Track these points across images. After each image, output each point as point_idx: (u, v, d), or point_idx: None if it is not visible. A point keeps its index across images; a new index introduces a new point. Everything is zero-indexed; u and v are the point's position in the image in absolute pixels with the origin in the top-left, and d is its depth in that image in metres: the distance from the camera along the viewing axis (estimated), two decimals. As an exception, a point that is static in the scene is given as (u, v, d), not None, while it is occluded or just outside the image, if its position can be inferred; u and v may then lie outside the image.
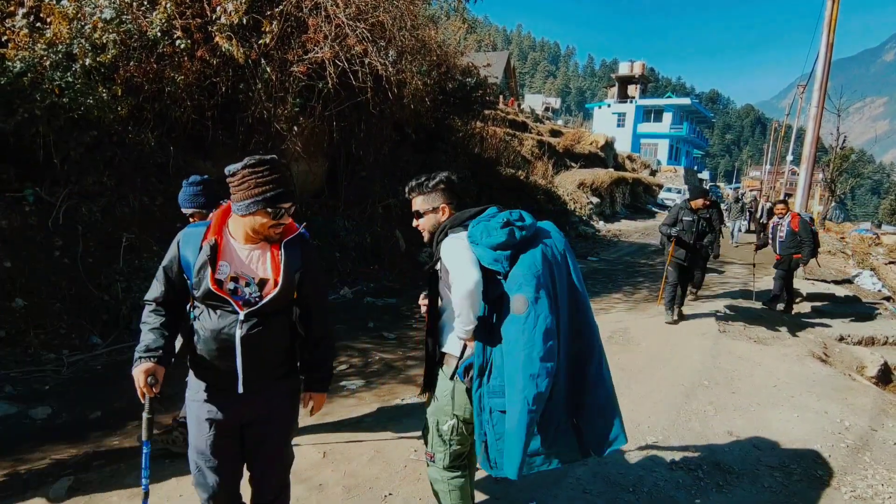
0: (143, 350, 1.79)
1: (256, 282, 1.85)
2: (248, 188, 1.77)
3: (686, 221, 6.41)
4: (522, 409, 1.79)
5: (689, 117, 49.57)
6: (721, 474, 3.19)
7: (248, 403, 1.91)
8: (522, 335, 1.81)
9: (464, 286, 1.89)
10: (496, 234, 1.91)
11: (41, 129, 4.74)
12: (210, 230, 1.86)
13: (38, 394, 4.01)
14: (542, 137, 23.17)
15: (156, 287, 1.89)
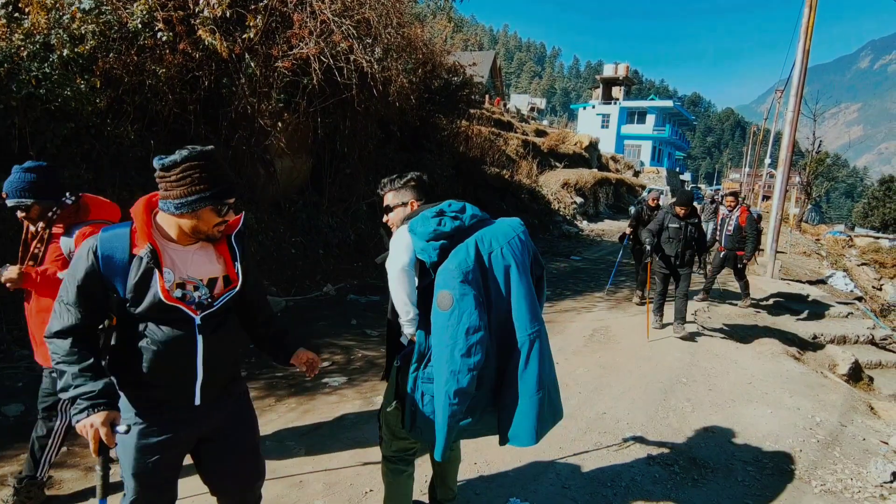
0: (93, 395, 1.50)
1: (205, 283, 1.69)
2: (191, 184, 1.57)
3: (672, 229, 6.04)
4: (444, 403, 1.86)
5: (671, 119, 50.28)
6: (696, 469, 3.26)
7: (206, 415, 1.75)
8: (446, 332, 1.83)
9: (390, 271, 2.00)
10: (427, 224, 1.95)
11: (17, 121, 4.63)
12: (138, 235, 1.60)
13: (11, 391, 3.93)
14: (528, 137, 23.30)
15: (67, 315, 1.56)
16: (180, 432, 1.72)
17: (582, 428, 3.77)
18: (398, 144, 9.93)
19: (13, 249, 2.73)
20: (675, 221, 6.04)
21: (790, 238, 17.41)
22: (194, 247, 1.70)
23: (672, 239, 6.06)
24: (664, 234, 6.07)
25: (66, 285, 1.58)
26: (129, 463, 1.66)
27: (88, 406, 1.50)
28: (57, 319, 1.56)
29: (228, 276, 1.74)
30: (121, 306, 1.60)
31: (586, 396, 4.33)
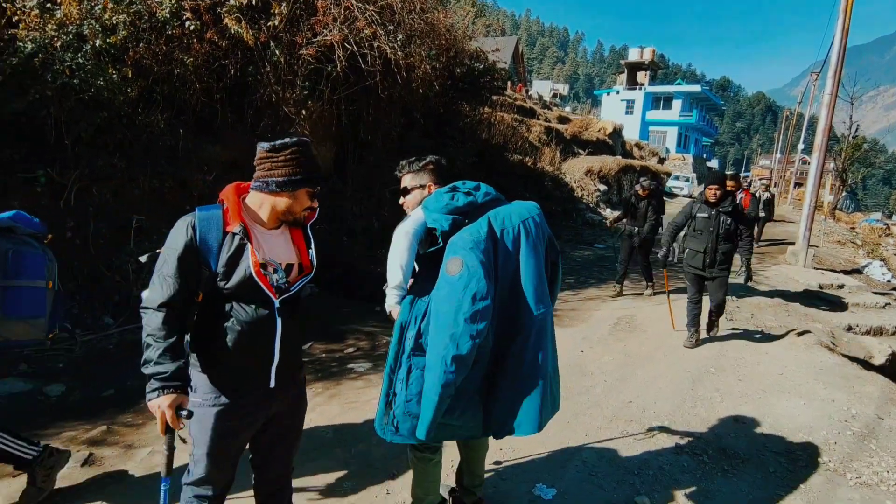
0: (165, 377, 1.59)
1: (283, 267, 1.78)
2: (297, 164, 1.71)
3: (700, 220, 5.00)
4: (440, 370, 1.77)
5: (698, 105, 48.97)
6: (726, 459, 3.21)
7: (277, 398, 1.84)
8: (451, 295, 1.78)
9: (394, 236, 1.99)
10: (440, 199, 1.98)
11: (52, 111, 4.75)
12: (230, 214, 1.71)
13: (52, 372, 4.08)
14: (550, 124, 22.97)
15: (165, 285, 1.63)
16: (256, 414, 1.81)
17: (608, 416, 3.74)
18: (421, 131, 9.89)
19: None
20: (704, 210, 4.99)
21: (824, 226, 16.88)
22: (277, 231, 1.81)
23: (700, 232, 5.00)
24: (690, 225, 5.11)
25: (164, 258, 1.67)
26: (205, 441, 1.74)
27: (160, 387, 1.59)
28: (156, 291, 1.64)
29: (302, 264, 1.84)
30: (210, 282, 1.68)
31: (612, 385, 4.30)
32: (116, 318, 4.96)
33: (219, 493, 1.86)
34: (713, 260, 4.98)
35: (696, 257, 5.05)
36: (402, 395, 1.92)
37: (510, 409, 1.95)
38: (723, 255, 4.99)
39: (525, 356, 1.91)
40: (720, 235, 4.92)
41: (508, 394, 1.94)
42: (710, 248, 4.95)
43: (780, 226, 18.23)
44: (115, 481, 2.78)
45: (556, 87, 46.14)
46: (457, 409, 1.90)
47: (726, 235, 4.94)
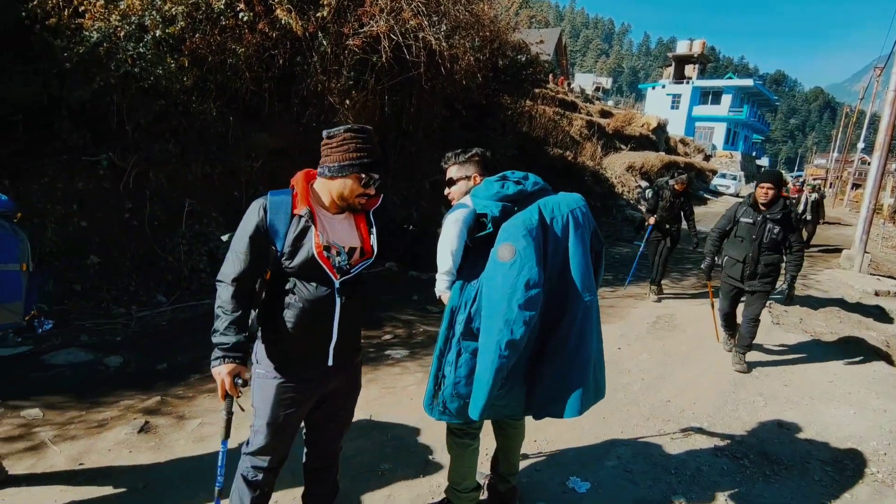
0: (227, 348, 1.72)
1: (346, 250, 1.85)
2: (346, 150, 1.78)
3: (743, 225, 4.42)
4: (494, 354, 1.80)
5: (750, 100, 46.94)
6: (769, 465, 3.13)
7: (334, 376, 1.93)
8: (505, 281, 1.81)
9: (444, 223, 1.97)
10: (490, 186, 2.01)
11: (115, 98, 5.02)
12: (298, 199, 1.81)
13: (111, 344, 4.34)
14: (592, 118, 22.56)
15: (237, 261, 1.76)
16: (313, 389, 1.91)
17: (644, 414, 3.70)
18: (462, 123, 9.90)
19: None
20: (749, 214, 4.41)
21: (882, 230, 15.98)
22: (341, 216, 1.89)
23: (741, 239, 4.43)
24: (732, 230, 4.55)
25: (238, 236, 1.79)
26: (266, 411, 1.85)
27: (222, 356, 1.73)
28: (229, 266, 1.77)
29: (364, 248, 1.89)
30: (277, 261, 1.78)
31: (649, 383, 4.24)
32: (169, 297, 5.22)
33: (274, 466, 1.95)
34: (753, 271, 4.37)
35: (735, 267, 4.46)
36: (451, 376, 1.96)
37: (552, 392, 1.99)
38: (765, 268, 4.35)
39: (570, 341, 1.94)
40: (764, 244, 4.29)
41: (552, 376, 1.97)
42: (750, 257, 4.34)
43: (835, 228, 17.37)
44: (169, 449, 2.95)
45: (599, 81, 45.21)
46: (503, 388, 1.94)
47: (772, 245, 4.28)
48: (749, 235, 4.36)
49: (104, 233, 5.17)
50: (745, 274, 4.41)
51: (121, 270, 5.15)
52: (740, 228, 4.44)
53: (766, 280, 4.40)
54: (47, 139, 5.00)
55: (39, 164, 4.97)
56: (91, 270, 4.97)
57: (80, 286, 4.86)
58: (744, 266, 4.39)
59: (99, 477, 2.64)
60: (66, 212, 4.99)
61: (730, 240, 4.59)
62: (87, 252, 5.01)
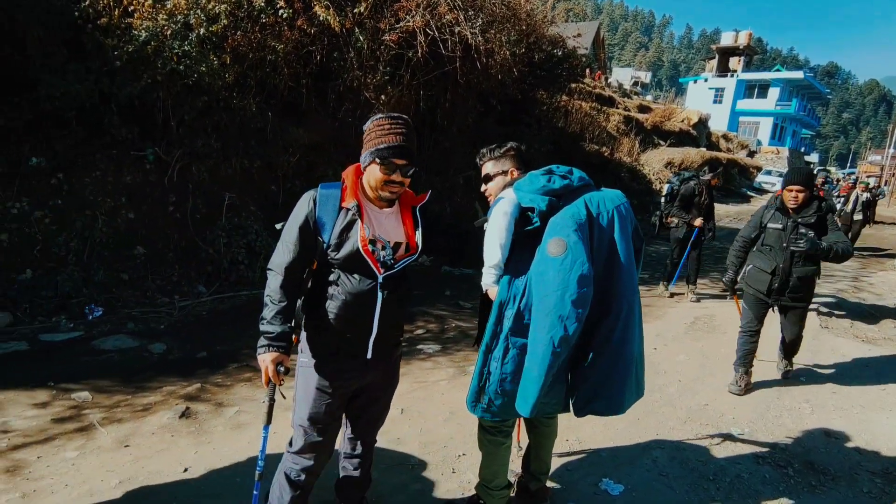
0: (272, 336, 1.77)
1: (392, 245, 1.86)
2: (374, 138, 1.79)
3: (772, 232, 3.86)
4: (546, 350, 1.77)
5: (799, 93, 44.85)
6: (814, 474, 3.00)
7: (372, 369, 1.94)
8: (558, 276, 1.78)
9: (491, 217, 1.95)
10: (535, 180, 1.98)
11: (161, 94, 5.19)
12: (347, 192, 1.84)
13: (155, 332, 4.51)
14: (630, 113, 22.04)
15: (286, 251, 1.80)
16: (351, 380, 1.94)
17: (681, 417, 3.60)
18: (497, 118, 9.82)
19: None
20: (778, 219, 3.85)
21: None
22: (388, 210, 1.91)
23: (769, 248, 3.88)
24: (759, 237, 4.00)
25: (289, 227, 1.83)
26: (308, 403, 1.90)
27: (266, 345, 1.78)
28: (279, 255, 1.82)
29: (409, 244, 1.90)
30: (324, 252, 1.81)
31: (686, 385, 4.12)
32: (209, 288, 5.38)
33: (317, 467, 1.99)
34: (783, 285, 3.80)
35: (761, 278, 3.87)
36: (497, 373, 1.95)
37: (596, 389, 1.96)
38: (798, 281, 3.78)
39: (613, 337, 1.91)
40: (796, 254, 3.75)
41: (596, 373, 1.94)
42: (780, 268, 3.78)
43: (889, 229, 16.44)
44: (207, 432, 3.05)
45: (638, 75, 44.09)
46: (547, 384, 1.92)
47: (805, 254, 3.72)
48: (778, 243, 3.80)
49: (150, 225, 5.38)
50: (772, 287, 3.83)
51: (165, 261, 5.35)
52: (768, 235, 3.88)
53: (797, 295, 3.85)
54: (99, 134, 5.23)
55: (92, 159, 5.20)
56: (138, 261, 5.18)
57: (128, 275, 5.07)
58: (772, 278, 3.81)
59: (142, 459, 2.75)
60: (116, 204, 5.20)
61: (757, 247, 4.00)
62: (134, 243, 5.22)
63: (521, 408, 1.90)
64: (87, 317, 4.54)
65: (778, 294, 3.86)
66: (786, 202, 3.79)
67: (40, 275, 4.62)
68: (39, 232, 4.74)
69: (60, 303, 4.55)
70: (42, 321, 4.38)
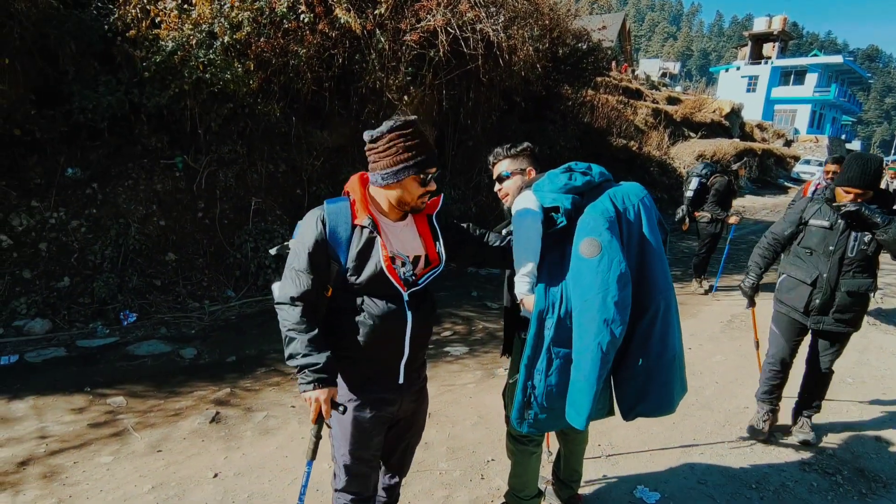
0: (318, 368, 1.58)
1: (411, 260, 1.72)
2: (396, 153, 1.60)
3: (817, 231, 2.96)
4: (595, 357, 1.70)
5: (839, 78, 42.96)
6: (865, 482, 2.83)
7: (407, 392, 1.82)
8: (596, 278, 1.70)
9: (517, 220, 1.84)
10: (556, 179, 1.90)
11: (188, 103, 5.29)
12: (358, 207, 1.66)
13: (186, 337, 4.60)
14: (658, 105, 21.50)
15: (298, 281, 1.60)
16: (387, 409, 1.78)
17: (720, 421, 3.45)
18: (521, 115, 9.70)
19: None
20: (824, 213, 2.95)
21: None
22: (403, 223, 1.75)
23: (809, 252, 2.99)
24: (798, 238, 3.09)
25: (296, 252, 1.64)
26: (346, 439, 1.75)
27: (315, 380, 1.58)
28: (291, 285, 1.61)
29: (428, 256, 1.76)
30: (340, 277, 1.64)
31: (724, 387, 3.96)
32: (237, 292, 5.46)
33: (368, 497, 1.88)
34: (828, 301, 2.91)
35: (798, 292, 3.00)
36: (541, 386, 1.85)
37: (641, 390, 1.87)
38: (847, 297, 2.87)
39: (654, 334, 1.83)
40: (848, 261, 2.85)
41: (639, 373, 1.86)
42: (824, 279, 2.90)
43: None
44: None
45: (666, 66, 43.07)
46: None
47: (861, 262, 2.84)
48: (824, 246, 2.90)
49: (180, 231, 5.48)
50: (812, 304, 2.95)
51: (195, 266, 5.45)
52: (810, 235, 2.97)
53: (844, 317, 2.92)
54: (130, 144, 5.36)
55: (124, 168, 5.34)
56: (169, 266, 5.30)
57: (160, 281, 5.18)
58: (812, 292, 2.94)
59: (174, 464, 2.78)
60: (147, 212, 5.33)
61: (792, 251, 3.11)
62: (165, 249, 5.34)
63: (574, 420, 1.81)
64: (122, 322, 4.66)
65: (820, 313, 2.94)
66: (838, 197, 2.87)
67: (77, 282, 4.76)
68: (76, 240, 4.88)
69: (97, 309, 4.68)
70: (80, 327, 4.51)
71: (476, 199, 8.44)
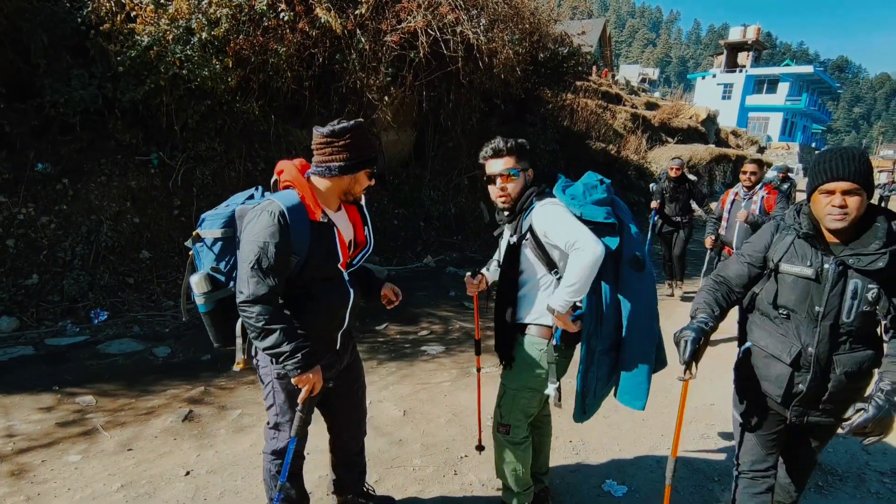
0: (308, 351, 1.72)
1: (348, 243, 1.94)
2: (358, 148, 1.78)
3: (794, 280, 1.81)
4: (650, 352, 2.07)
5: (809, 88, 44.31)
6: (821, 475, 2.95)
7: (340, 360, 2.04)
8: (644, 289, 2.04)
9: (590, 255, 1.87)
10: (597, 191, 2.04)
11: (165, 99, 5.22)
12: (309, 201, 1.77)
13: (160, 335, 4.54)
14: (637, 110, 21.87)
15: (265, 278, 1.66)
16: (330, 373, 1.98)
17: (687, 418, 3.54)
18: (501, 118, 9.80)
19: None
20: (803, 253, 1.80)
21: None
22: (341, 211, 1.95)
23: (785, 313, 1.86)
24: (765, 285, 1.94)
25: (259, 251, 1.66)
26: (293, 406, 1.89)
27: (308, 363, 1.73)
28: (258, 285, 1.66)
29: (356, 239, 2.00)
30: (296, 269, 1.76)
31: (693, 385, 4.05)
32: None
33: (301, 450, 2.05)
34: (817, 390, 1.83)
35: (775, 371, 1.91)
36: (594, 384, 2.07)
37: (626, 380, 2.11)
38: (845, 380, 1.80)
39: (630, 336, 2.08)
40: (844, 327, 1.77)
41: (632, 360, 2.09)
42: (811, 356, 1.81)
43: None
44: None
45: (645, 72, 43.71)
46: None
47: (861, 327, 1.77)
48: (807, 304, 1.80)
49: (155, 228, 5.41)
50: (794, 391, 1.86)
51: (170, 264, 5.38)
52: (784, 288, 1.85)
53: (834, 407, 1.86)
54: (103, 139, 5.27)
55: (97, 164, 5.24)
56: (143, 264, 5.22)
57: (133, 279, 5.11)
58: (794, 374, 1.85)
59: (144, 462, 2.76)
60: (121, 209, 5.24)
61: (759, 305, 1.99)
62: (139, 247, 5.26)
63: (638, 405, 2.11)
64: (92, 321, 4.58)
65: (805, 404, 1.86)
66: (822, 218, 1.74)
67: (47, 279, 4.67)
68: (45, 237, 4.78)
69: (66, 307, 4.59)
70: (48, 325, 4.43)
71: (455, 201, 8.49)
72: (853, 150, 1.74)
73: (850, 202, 1.70)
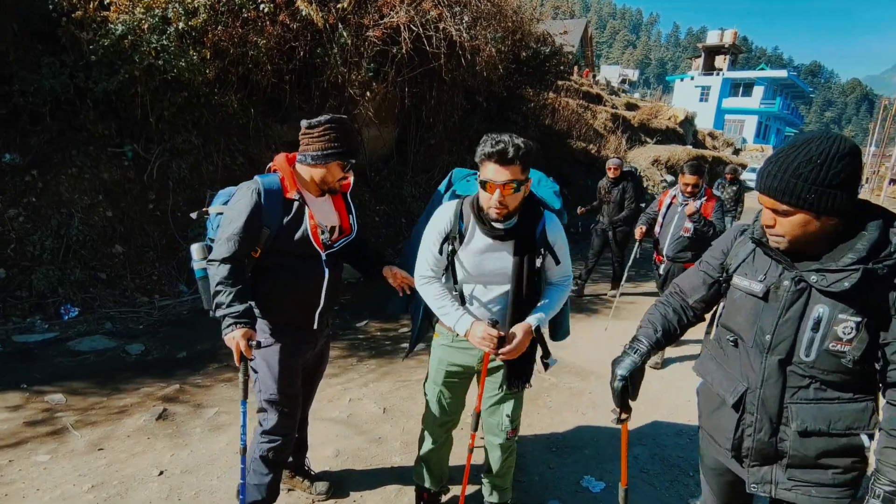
0: (237, 315, 1.82)
1: (328, 229, 2.07)
2: (328, 140, 1.93)
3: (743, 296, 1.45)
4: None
5: (783, 92, 45.45)
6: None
7: (316, 340, 2.19)
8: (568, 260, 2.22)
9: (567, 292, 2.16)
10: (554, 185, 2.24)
11: (139, 89, 5.09)
12: (287, 182, 1.97)
13: (133, 332, 4.43)
14: (617, 111, 22.13)
15: (232, 242, 1.86)
16: (307, 353, 2.16)
17: (663, 414, 3.61)
18: (483, 115, 9.80)
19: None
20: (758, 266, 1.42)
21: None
22: (322, 199, 2.10)
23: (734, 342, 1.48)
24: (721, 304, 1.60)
25: (230, 219, 1.90)
26: (273, 378, 2.02)
27: (233, 323, 1.83)
28: (224, 247, 1.87)
29: (342, 226, 2.15)
30: (269, 240, 1.94)
31: (670, 382, 4.14)
32: (190, 287, 5.30)
33: (289, 441, 2.15)
34: (769, 443, 1.39)
35: (721, 415, 1.52)
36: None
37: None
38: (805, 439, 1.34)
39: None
40: (801, 366, 1.33)
41: None
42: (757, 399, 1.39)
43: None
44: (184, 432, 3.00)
45: (625, 73, 44.26)
46: None
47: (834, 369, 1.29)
48: (754, 331, 1.40)
49: (129, 223, 5.27)
50: (742, 440, 1.46)
51: (144, 260, 5.26)
52: (733, 304, 1.51)
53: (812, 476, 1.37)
54: (74, 130, 5.11)
55: (68, 155, 5.08)
56: (116, 259, 5.09)
57: (106, 275, 4.97)
58: (740, 420, 1.45)
59: (116, 462, 2.69)
60: (93, 202, 5.10)
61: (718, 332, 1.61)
62: (112, 242, 5.12)
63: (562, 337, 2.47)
64: (62, 317, 4.45)
65: (762, 459, 1.44)
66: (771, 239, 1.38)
67: (14, 274, 4.51)
68: (13, 230, 4.62)
69: (35, 303, 4.45)
70: (16, 322, 4.28)
71: (437, 198, 8.47)
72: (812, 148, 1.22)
73: (782, 223, 1.28)
